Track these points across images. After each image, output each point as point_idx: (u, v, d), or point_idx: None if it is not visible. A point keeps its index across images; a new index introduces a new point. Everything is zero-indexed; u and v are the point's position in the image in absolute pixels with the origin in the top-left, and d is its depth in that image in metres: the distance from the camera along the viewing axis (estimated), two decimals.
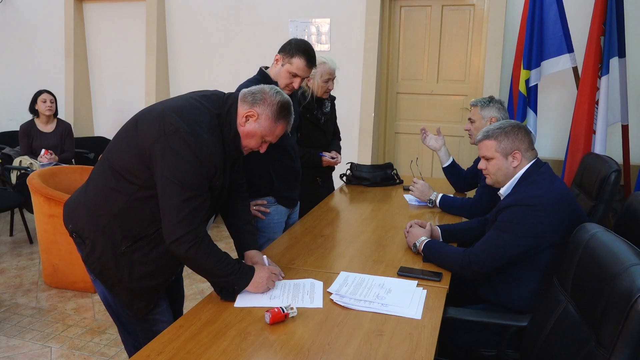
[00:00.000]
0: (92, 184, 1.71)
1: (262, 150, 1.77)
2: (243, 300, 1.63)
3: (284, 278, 1.79)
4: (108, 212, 1.63)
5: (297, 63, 2.19)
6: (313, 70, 2.49)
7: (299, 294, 1.69)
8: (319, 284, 1.76)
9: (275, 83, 2.24)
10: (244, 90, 1.70)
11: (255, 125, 1.67)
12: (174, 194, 1.52)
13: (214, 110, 1.65)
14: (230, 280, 1.62)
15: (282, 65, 2.22)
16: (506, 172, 1.93)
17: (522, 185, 1.88)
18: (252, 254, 1.86)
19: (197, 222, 1.55)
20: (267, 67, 2.33)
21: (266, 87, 1.70)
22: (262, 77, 2.28)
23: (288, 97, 1.72)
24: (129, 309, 1.73)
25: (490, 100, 2.60)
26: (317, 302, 1.63)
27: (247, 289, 1.65)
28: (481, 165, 2.01)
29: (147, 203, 1.60)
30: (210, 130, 1.60)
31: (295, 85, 2.25)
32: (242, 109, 1.66)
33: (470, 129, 2.65)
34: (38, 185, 3.36)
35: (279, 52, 2.25)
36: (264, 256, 1.82)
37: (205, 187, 1.59)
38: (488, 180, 2.01)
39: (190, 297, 3.24)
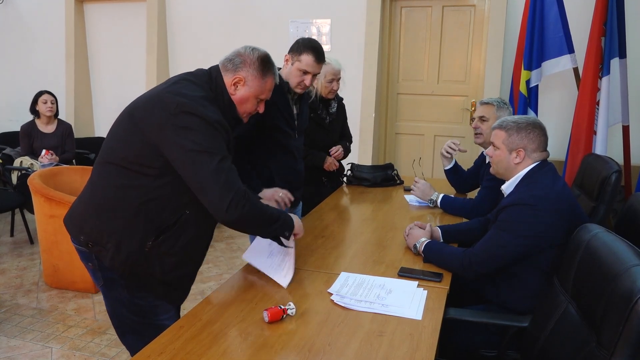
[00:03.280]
0: (98, 188, 1.67)
1: (260, 110, 1.78)
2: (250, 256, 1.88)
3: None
4: (126, 211, 1.60)
5: (306, 59, 2.21)
6: None
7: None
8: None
9: (287, 83, 2.27)
10: (222, 59, 1.72)
11: (245, 89, 1.68)
12: (204, 164, 1.49)
13: (205, 84, 1.66)
14: (281, 224, 1.68)
15: (292, 64, 2.25)
16: (507, 166, 1.94)
17: (524, 184, 1.88)
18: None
19: (236, 182, 1.54)
20: (279, 68, 2.32)
21: (240, 48, 1.71)
22: None
23: (264, 49, 1.74)
24: (166, 301, 1.74)
25: (505, 102, 2.62)
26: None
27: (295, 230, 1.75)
28: (489, 151, 2.03)
29: (165, 191, 1.59)
30: (206, 100, 1.60)
31: (307, 82, 2.26)
32: (227, 78, 1.68)
33: (480, 127, 2.62)
34: (39, 185, 3.36)
35: (288, 53, 2.28)
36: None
37: (226, 149, 1.58)
38: (491, 169, 2.04)
39: (190, 297, 3.23)
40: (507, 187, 1.97)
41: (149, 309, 1.72)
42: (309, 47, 2.22)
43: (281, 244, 1.75)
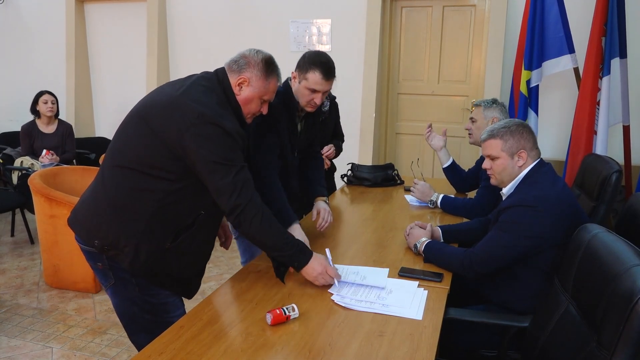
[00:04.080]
0: (111, 191, 1.65)
1: (264, 112, 1.80)
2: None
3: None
4: (144, 214, 1.61)
5: (313, 77, 2.03)
6: None
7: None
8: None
9: (297, 102, 2.14)
10: (228, 61, 1.75)
11: (250, 90, 1.71)
12: (225, 174, 1.57)
13: (216, 88, 1.68)
14: (292, 255, 1.70)
15: (299, 82, 2.08)
16: (511, 172, 1.93)
17: (524, 185, 1.88)
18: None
19: (251, 191, 1.62)
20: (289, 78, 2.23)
21: (245, 51, 1.75)
22: (284, 89, 2.15)
23: (268, 52, 1.76)
24: (183, 296, 1.80)
25: (494, 101, 2.62)
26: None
27: (301, 271, 1.72)
28: (486, 164, 2.00)
29: (182, 194, 1.61)
30: (221, 106, 1.64)
31: (317, 100, 2.09)
32: (232, 79, 1.71)
33: (471, 128, 2.67)
34: (39, 185, 3.37)
35: (295, 69, 2.13)
36: (327, 249, 1.84)
37: (243, 157, 1.64)
38: (493, 181, 2.00)
39: None
40: (507, 190, 1.96)
41: (160, 306, 1.74)
42: (316, 63, 2.03)
43: (280, 275, 1.78)
